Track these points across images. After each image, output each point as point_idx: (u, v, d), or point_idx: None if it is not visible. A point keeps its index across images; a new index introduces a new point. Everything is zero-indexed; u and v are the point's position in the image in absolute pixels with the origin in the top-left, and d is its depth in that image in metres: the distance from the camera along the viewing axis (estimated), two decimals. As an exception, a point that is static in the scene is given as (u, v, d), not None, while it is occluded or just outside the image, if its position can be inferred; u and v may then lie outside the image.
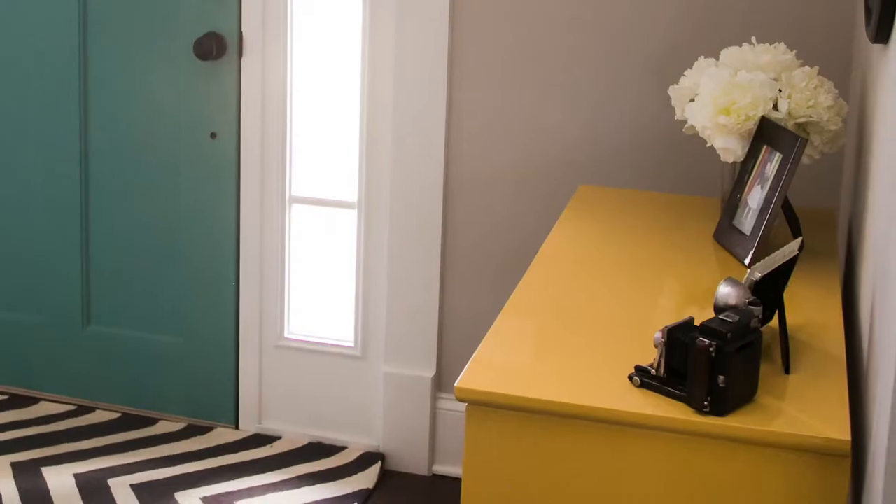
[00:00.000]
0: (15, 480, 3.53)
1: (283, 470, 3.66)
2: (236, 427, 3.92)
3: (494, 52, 3.48)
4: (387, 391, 3.73)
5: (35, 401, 4.04)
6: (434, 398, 3.71)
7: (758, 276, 2.14)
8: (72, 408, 4.00)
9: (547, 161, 3.49)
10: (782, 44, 2.81)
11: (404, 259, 3.64)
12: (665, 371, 2.00)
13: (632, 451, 1.98)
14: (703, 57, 2.95)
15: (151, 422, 3.93)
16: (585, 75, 3.42)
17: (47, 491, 3.48)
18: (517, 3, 3.43)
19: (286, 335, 3.84)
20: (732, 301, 2.10)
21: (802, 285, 2.48)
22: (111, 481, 3.54)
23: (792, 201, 2.84)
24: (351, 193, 3.74)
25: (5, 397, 4.05)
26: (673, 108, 3.08)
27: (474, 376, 2.06)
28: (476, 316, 3.62)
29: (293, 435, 3.86)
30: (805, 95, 2.67)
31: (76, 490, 3.49)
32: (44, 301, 4.03)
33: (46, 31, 3.83)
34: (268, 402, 3.88)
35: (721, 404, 1.93)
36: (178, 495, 3.48)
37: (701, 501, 1.97)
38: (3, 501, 3.41)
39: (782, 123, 2.66)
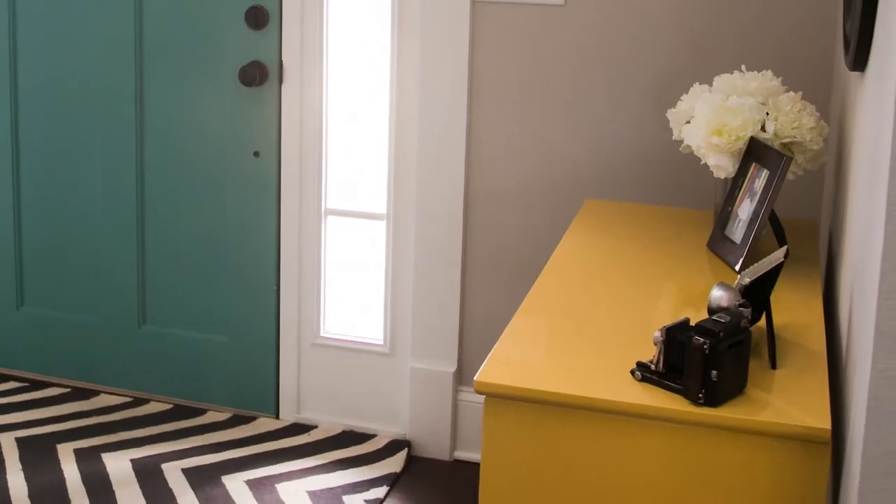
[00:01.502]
0: (77, 465, 3.53)
1: (319, 456, 3.66)
2: (277, 417, 3.91)
3: (509, 80, 3.48)
4: (413, 384, 3.72)
5: (95, 393, 4.04)
6: (455, 391, 3.70)
7: (747, 280, 2.14)
8: (128, 400, 4.00)
9: (556, 178, 3.49)
10: (769, 71, 2.80)
11: (428, 265, 3.64)
12: (664, 366, 2.00)
13: (634, 438, 1.98)
14: (697, 83, 2.93)
15: (200, 412, 3.93)
16: (591, 100, 3.42)
17: (107, 475, 3.48)
18: (529, 36, 3.43)
19: (322, 334, 3.83)
20: (724, 303, 2.10)
21: (787, 289, 2.48)
22: (164, 466, 3.54)
23: (778, 213, 2.83)
24: (380, 206, 3.73)
25: (68, 390, 4.06)
26: (671, 130, 3.06)
27: (492, 371, 2.06)
28: (493, 317, 3.62)
29: (328, 424, 3.85)
30: (790, 118, 2.66)
31: (132, 474, 3.49)
32: (103, 303, 4.04)
33: (107, 62, 3.85)
34: (305, 394, 3.87)
35: (714, 396, 1.94)
36: (225, 478, 3.48)
37: (696, 485, 1.97)
38: (67, 485, 3.42)
39: (769, 143, 2.65)
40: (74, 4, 3.85)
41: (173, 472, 3.51)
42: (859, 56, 2.03)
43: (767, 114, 2.69)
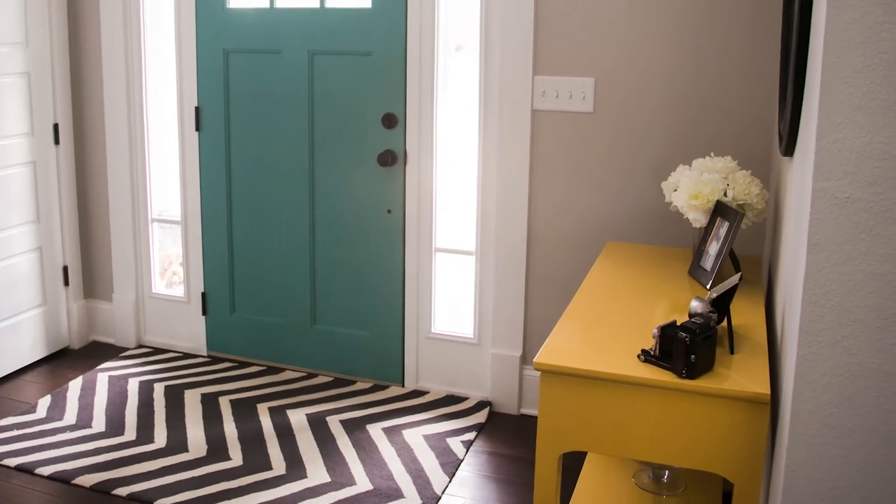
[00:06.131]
0: (270, 418, 3.55)
1: (431, 411, 3.64)
2: (403, 385, 3.89)
3: (557, 162, 3.44)
4: (493, 364, 3.69)
5: (282, 370, 4.04)
6: (521, 368, 3.66)
7: (714, 295, 2.15)
8: (304, 374, 3.99)
9: (587, 226, 3.47)
10: (729, 157, 2.78)
11: (503, 285, 3.61)
12: (659, 352, 2.02)
13: (639, 400, 2.00)
14: (682, 165, 2.94)
15: (351, 383, 3.92)
16: (611, 175, 3.39)
17: (289, 425, 3.50)
18: (570, 132, 3.39)
19: (432, 330, 3.82)
20: (699, 310, 2.12)
21: (741, 301, 2.49)
22: (328, 418, 3.55)
23: (735, 250, 2.83)
24: (471, 245, 3.71)
25: (264, 368, 4.05)
26: (664, 195, 3.09)
27: (546, 355, 2.08)
28: (546, 319, 3.59)
29: (437, 390, 3.83)
30: (743, 188, 2.66)
31: (307, 424, 3.50)
32: (287, 309, 4.03)
33: (289, 150, 3.85)
34: (422, 370, 3.85)
35: (692, 372, 1.96)
36: (368, 427, 3.49)
37: (680, 431, 1.98)
38: (263, 431, 3.43)
39: (729, 204, 2.65)
40: (268, 112, 3.87)
41: (334, 423, 3.52)
42: (789, 146, 2.02)
43: (728, 185, 2.68)
